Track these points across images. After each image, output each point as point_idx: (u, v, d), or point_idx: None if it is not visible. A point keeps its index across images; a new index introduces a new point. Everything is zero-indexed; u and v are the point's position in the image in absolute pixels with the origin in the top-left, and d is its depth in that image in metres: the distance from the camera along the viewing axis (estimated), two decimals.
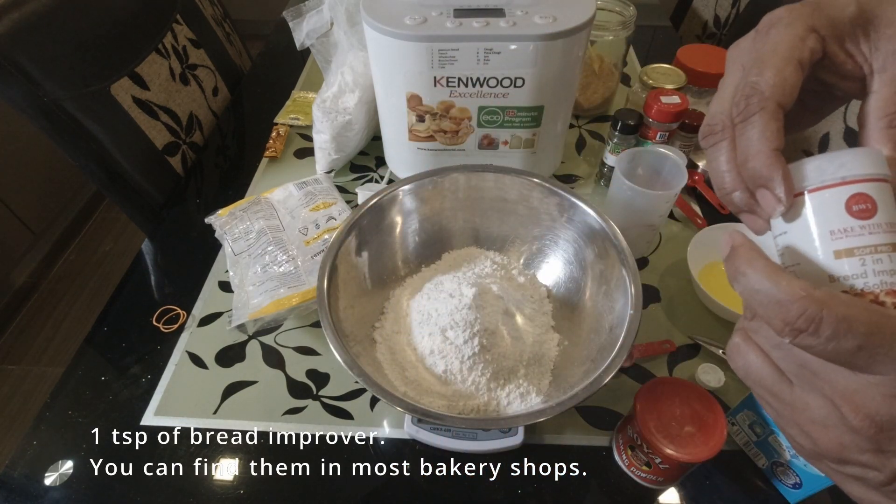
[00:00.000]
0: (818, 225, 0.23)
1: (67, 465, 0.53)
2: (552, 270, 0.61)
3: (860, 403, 0.22)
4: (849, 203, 0.22)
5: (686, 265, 0.63)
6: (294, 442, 0.54)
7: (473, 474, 0.52)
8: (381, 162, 0.83)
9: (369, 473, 0.52)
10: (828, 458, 0.24)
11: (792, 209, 0.23)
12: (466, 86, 0.63)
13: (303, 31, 0.73)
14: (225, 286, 0.68)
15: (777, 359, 0.25)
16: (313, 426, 0.55)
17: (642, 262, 0.69)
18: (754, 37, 0.27)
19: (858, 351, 0.21)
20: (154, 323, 0.64)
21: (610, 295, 0.52)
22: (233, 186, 0.82)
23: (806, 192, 0.23)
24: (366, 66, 0.76)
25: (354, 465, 0.52)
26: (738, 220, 0.67)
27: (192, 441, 0.54)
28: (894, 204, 0.22)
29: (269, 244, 0.64)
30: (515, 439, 0.51)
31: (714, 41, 1.18)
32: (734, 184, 0.26)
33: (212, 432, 0.55)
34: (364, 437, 0.54)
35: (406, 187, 0.59)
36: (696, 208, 0.75)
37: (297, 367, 0.60)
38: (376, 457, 0.53)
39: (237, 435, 0.54)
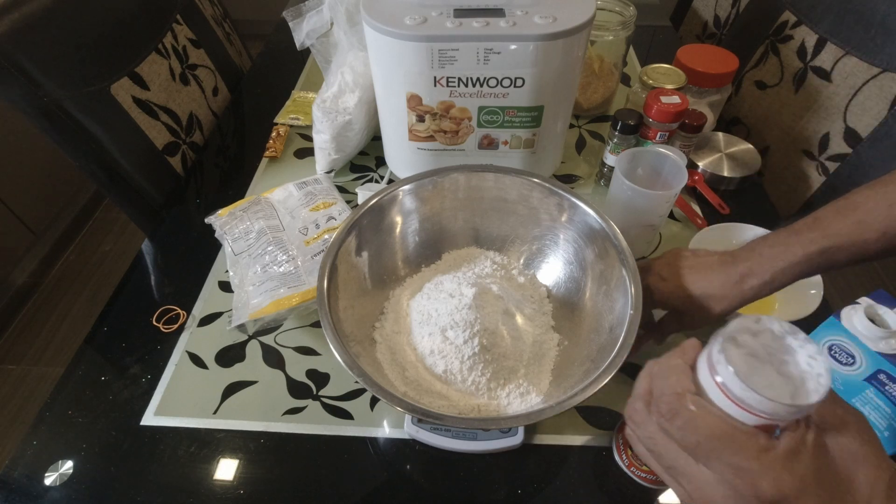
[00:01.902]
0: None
1: (67, 465, 0.53)
2: (552, 270, 0.61)
3: (704, 494, 0.28)
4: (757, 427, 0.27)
5: None
6: (294, 442, 0.54)
7: (473, 474, 0.52)
8: (381, 162, 0.83)
9: (369, 473, 0.52)
10: None
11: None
12: (466, 86, 0.63)
13: (303, 31, 0.73)
14: (225, 286, 0.68)
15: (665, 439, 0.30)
16: (313, 426, 0.55)
17: None
18: None
19: (696, 446, 0.27)
20: (154, 323, 0.64)
21: (610, 295, 0.52)
22: (233, 186, 0.82)
23: (725, 389, 0.28)
24: (366, 66, 0.76)
25: (354, 465, 0.52)
26: (736, 221, 0.67)
27: (192, 441, 0.54)
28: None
29: (269, 244, 0.64)
30: (515, 439, 0.51)
31: (714, 41, 1.18)
32: None
33: (212, 432, 0.55)
34: (364, 437, 0.54)
35: (406, 187, 0.59)
36: (696, 208, 0.75)
37: (297, 367, 0.60)
38: (376, 457, 0.53)
39: (237, 435, 0.55)
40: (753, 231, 0.65)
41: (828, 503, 0.26)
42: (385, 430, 0.55)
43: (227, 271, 0.66)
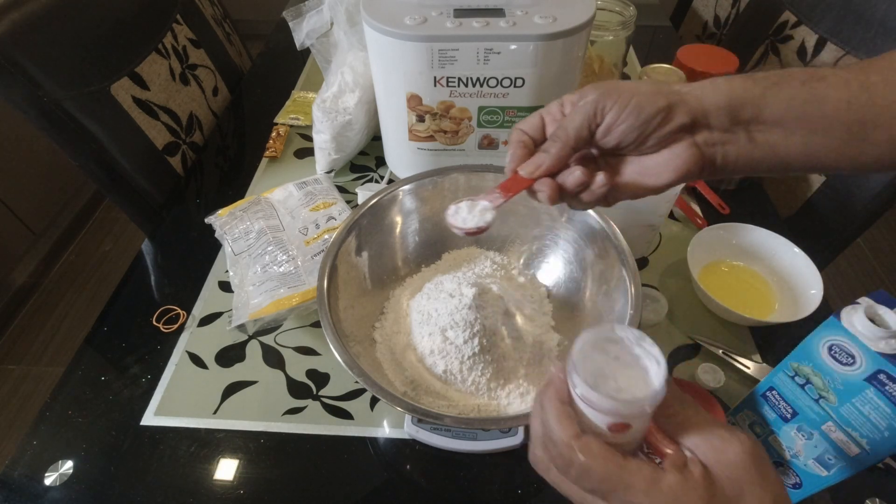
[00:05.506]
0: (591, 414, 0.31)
1: (67, 465, 0.53)
2: (552, 270, 0.61)
3: None
4: (611, 427, 0.30)
5: (686, 265, 0.63)
6: (294, 442, 0.54)
7: (473, 474, 0.52)
8: (381, 162, 0.83)
9: (369, 473, 0.52)
10: None
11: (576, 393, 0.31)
12: (466, 86, 0.63)
13: (303, 31, 0.73)
14: (225, 286, 0.68)
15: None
16: (313, 426, 0.55)
17: (642, 262, 0.69)
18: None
19: (594, 490, 0.30)
20: (154, 323, 0.64)
21: (610, 295, 0.52)
22: (233, 186, 0.82)
23: (581, 399, 0.30)
24: (366, 66, 0.76)
25: (354, 465, 0.52)
26: (736, 221, 0.67)
27: (192, 441, 0.54)
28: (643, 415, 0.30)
29: (269, 244, 0.64)
30: (515, 439, 0.51)
31: (714, 41, 1.18)
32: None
33: (212, 432, 0.55)
34: (364, 437, 0.54)
35: (406, 187, 0.59)
36: (696, 208, 0.75)
37: (297, 367, 0.60)
38: (376, 457, 0.53)
39: (237, 435, 0.55)
40: (754, 231, 0.65)
41: None
42: (385, 430, 0.55)
43: (227, 271, 0.66)
